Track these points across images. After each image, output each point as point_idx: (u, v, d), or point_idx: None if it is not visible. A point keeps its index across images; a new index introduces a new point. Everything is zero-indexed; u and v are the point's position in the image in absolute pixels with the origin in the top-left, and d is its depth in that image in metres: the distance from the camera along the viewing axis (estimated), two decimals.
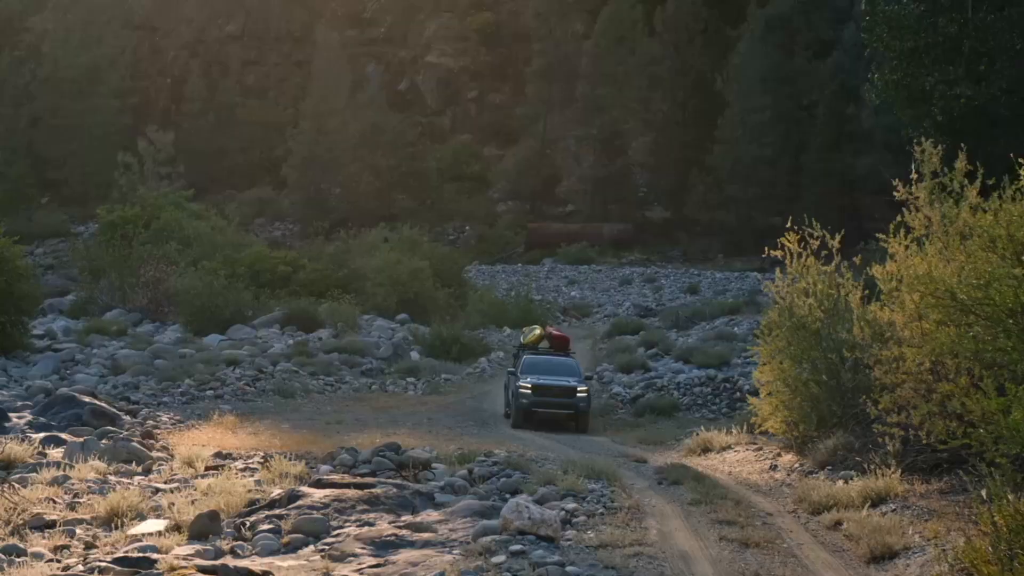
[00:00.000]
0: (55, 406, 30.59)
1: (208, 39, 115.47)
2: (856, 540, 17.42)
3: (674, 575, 15.57)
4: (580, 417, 35.77)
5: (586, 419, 35.90)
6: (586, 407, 36.00)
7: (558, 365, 37.12)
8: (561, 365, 37.23)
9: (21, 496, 20.02)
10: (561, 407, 35.60)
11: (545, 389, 35.39)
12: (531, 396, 35.31)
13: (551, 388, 35.53)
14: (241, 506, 19.79)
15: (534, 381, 35.57)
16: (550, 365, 36.98)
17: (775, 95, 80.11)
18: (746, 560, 16.50)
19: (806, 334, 24.80)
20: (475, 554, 16.17)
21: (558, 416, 35.59)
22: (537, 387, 35.39)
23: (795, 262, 25.68)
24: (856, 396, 22.63)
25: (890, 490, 19.36)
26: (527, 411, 35.44)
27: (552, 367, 36.80)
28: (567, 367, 37.23)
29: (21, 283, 41.43)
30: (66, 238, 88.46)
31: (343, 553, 16.81)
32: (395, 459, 23.37)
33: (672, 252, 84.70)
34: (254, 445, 26.83)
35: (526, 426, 34.96)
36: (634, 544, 16.95)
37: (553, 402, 35.46)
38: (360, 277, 56.05)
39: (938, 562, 15.06)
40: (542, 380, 35.65)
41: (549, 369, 36.57)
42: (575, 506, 19.40)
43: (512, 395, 36.29)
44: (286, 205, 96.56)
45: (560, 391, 35.66)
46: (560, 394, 35.61)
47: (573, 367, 37.52)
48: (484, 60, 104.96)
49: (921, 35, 39.75)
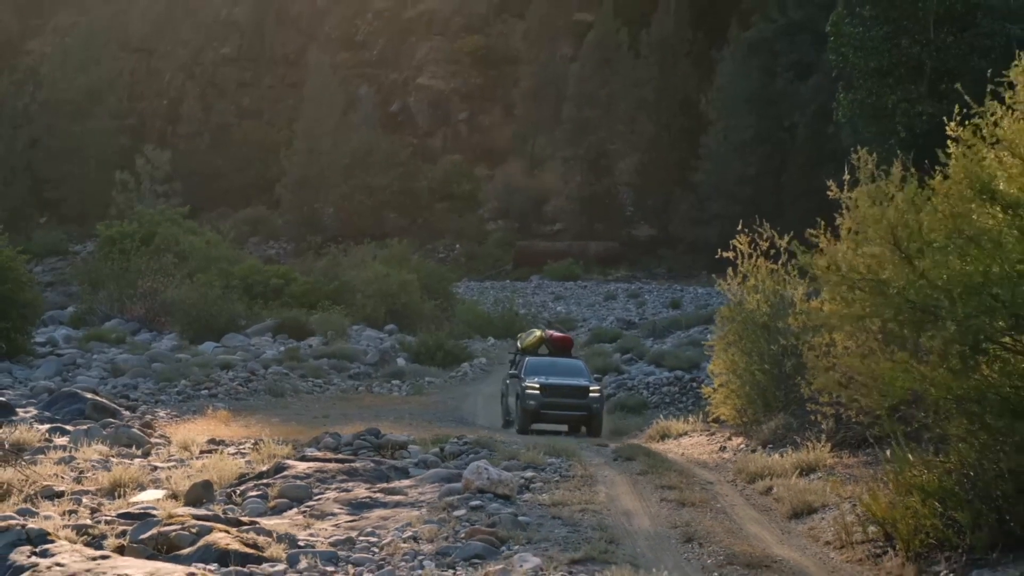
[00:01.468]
0: (59, 401, 32.42)
1: (204, 61, 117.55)
2: (782, 501, 19.48)
3: (615, 525, 17.51)
4: (593, 419, 33.25)
5: (599, 422, 33.46)
6: (600, 408, 33.64)
7: (565, 366, 35.05)
8: (568, 366, 35.18)
9: (32, 470, 21.91)
10: (573, 408, 33.19)
11: (555, 389, 32.93)
12: (540, 397, 32.75)
13: (562, 388, 33.12)
14: (232, 478, 21.70)
15: (543, 381, 33.06)
16: (556, 366, 34.81)
17: (758, 116, 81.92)
18: (681, 515, 18.48)
19: (754, 328, 26.88)
20: (439, 509, 18.15)
21: (569, 419, 33.45)
22: (546, 387, 32.87)
23: (745, 262, 27.75)
24: (795, 381, 24.62)
25: (820, 461, 21.43)
26: (535, 413, 32.92)
27: (559, 368, 34.60)
28: (574, 368, 35.16)
29: (25, 291, 43.34)
30: (65, 256, 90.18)
31: (323, 512, 18.74)
32: (374, 442, 25.27)
33: (657, 269, 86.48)
34: (245, 435, 28.70)
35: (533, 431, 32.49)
36: (583, 503, 18.93)
37: (564, 403, 33.01)
38: (350, 289, 57.90)
39: (848, 514, 17.10)
40: (552, 380, 33.24)
41: (556, 370, 34.32)
42: (533, 474, 21.41)
43: (517, 397, 33.74)
44: (280, 224, 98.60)
45: (571, 391, 33.18)
46: (571, 394, 33.12)
47: (581, 368, 35.45)
48: (474, 82, 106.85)
49: (885, 56, 41.08)
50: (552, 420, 33.14)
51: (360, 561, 15.35)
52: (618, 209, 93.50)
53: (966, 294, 13.82)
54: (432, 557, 15.25)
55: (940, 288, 13.95)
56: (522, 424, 33.05)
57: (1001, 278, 13.67)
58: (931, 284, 14.06)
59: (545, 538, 16.38)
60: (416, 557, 15.37)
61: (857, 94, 42.49)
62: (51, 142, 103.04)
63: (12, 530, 15.46)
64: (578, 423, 33.52)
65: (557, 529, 17.04)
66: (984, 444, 14.64)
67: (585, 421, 33.41)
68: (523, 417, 33.09)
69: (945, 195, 14.57)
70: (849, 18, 43.24)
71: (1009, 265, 13.72)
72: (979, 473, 14.64)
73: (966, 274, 13.87)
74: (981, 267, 13.80)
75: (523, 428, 32.79)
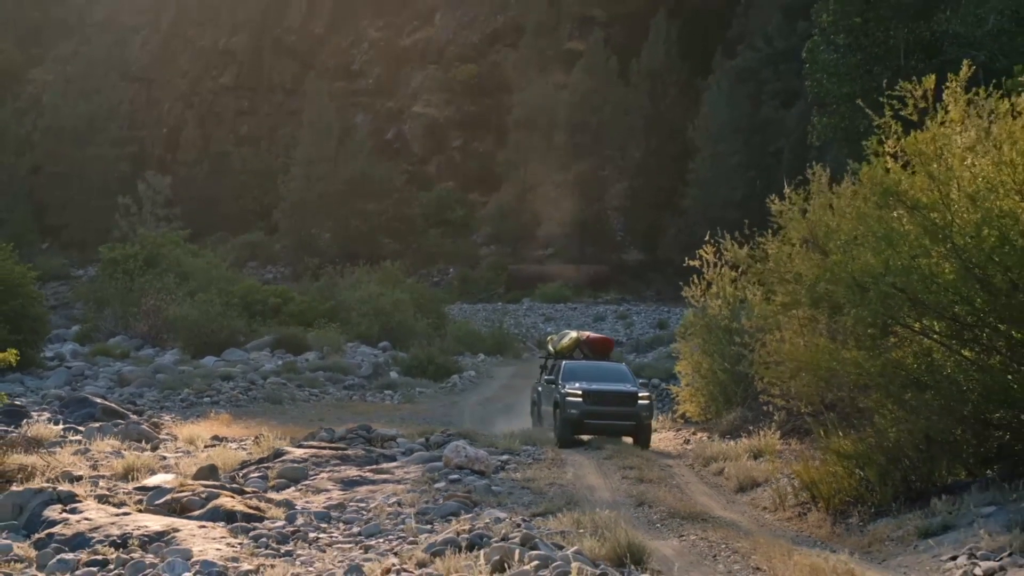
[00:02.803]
0: (71, 406, 34.48)
1: (202, 90, 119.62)
2: (731, 478, 21.74)
3: (578, 495, 19.67)
4: (642, 430, 29.40)
5: (648, 432, 29.71)
6: (649, 417, 29.83)
7: (607, 370, 31.75)
8: (610, 370, 31.90)
9: (53, 457, 24.00)
10: (620, 417, 29.33)
11: (600, 396, 29.35)
12: (583, 405, 29.05)
13: (607, 395, 29.51)
14: (235, 464, 23.84)
15: (586, 387, 29.54)
16: (598, 370, 31.46)
17: (744, 142, 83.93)
18: (638, 488, 20.66)
19: (717, 331, 29.10)
20: (420, 483, 20.30)
21: (616, 429, 29.34)
22: (590, 394, 29.28)
23: (710, 270, 30.00)
24: (751, 378, 26.79)
25: (769, 447, 23.66)
26: (578, 423, 28.99)
27: (601, 372, 31.32)
28: (617, 372, 31.89)
29: (35, 307, 45.43)
30: (66, 281, 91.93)
31: (318, 489, 20.86)
32: (366, 435, 27.39)
33: (647, 292, 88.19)
34: (246, 434, 30.73)
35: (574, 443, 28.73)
36: (551, 480, 21.13)
37: (610, 412, 29.21)
38: (346, 308, 59.80)
39: (786, 486, 19.32)
40: (595, 386, 29.75)
41: (599, 374, 30.97)
42: (508, 458, 23.59)
43: (555, 406, 30.08)
44: (277, 249, 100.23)
45: (617, 398, 29.56)
46: (618, 402, 29.47)
47: (624, 372, 32.14)
48: (468, 110, 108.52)
49: (857, 82, 42.76)
50: (596, 431, 29.07)
51: (350, 519, 17.52)
52: (608, 233, 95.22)
53: (871, 283, 16.02)
54: (413, 516, 17.37)
55: (843, 279, 16.15)
56: (562, 435, 28.90)
57: (899, 269, 15.87)
58: (835, 276, 16.27)
59: (514, 503, 18.54)
60: (399, 516, 17.51)
61: (832, 119, 44.44)
62: (53, 169, 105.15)
63: (45, 492, 17.67)
64: (624, 434, 29.54)
65: (526, 497, 19.23)
66: (892, 414, 16.84)
67: (632, 432, 29.43)
68: (564, 427, 29.11)
69: (851, 198, 16.79)
70: (824, 46, 45.17)
71: (906, 258, 15.92)
72: (888, 438, 16.86)
73: (870, 266, 16.07)
74: (883, 260, 16.00)
75: (564, 440, 28.66)
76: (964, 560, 13.56)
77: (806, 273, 17.26)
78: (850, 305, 16.14)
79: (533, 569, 12.40)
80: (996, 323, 16.34)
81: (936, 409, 16.37)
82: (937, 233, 16.22)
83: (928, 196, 16.51)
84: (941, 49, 42.89)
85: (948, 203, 16.35)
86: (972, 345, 16.56)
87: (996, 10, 43.55)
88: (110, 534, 16.03)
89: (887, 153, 17.20)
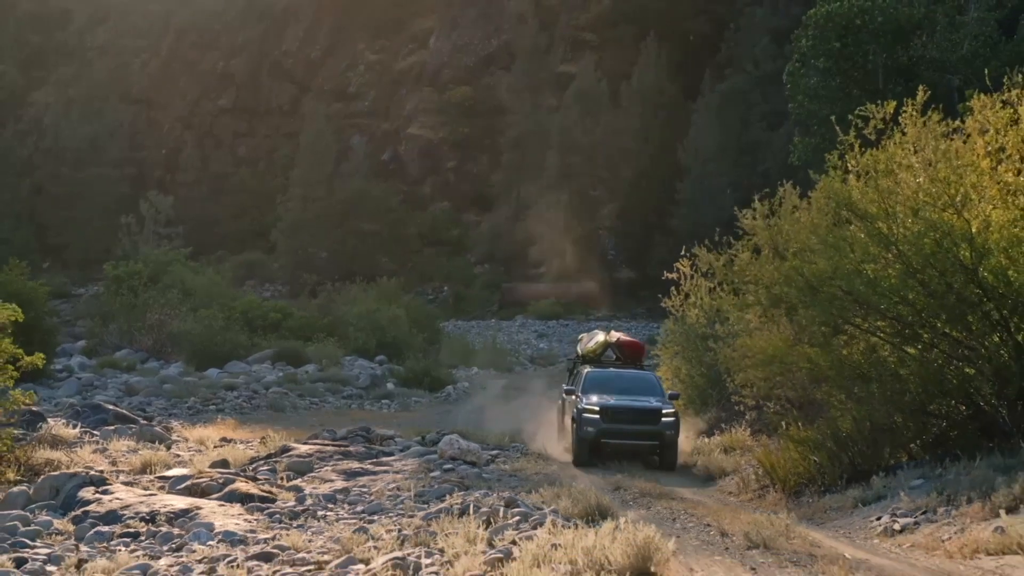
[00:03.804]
0: (84, 412, 36.20)
1: (201, 112, 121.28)
2: (703, 469, 23.62)
3: (561, 482, 21.55)
4: (667, 449, 26.85)
5: (674, 452, 26.99)
6: (674, 435, 27.04)
7: (633, 381, 29.31)
8: (637, 380, 29.44)
9: (76, 453, 25.83)
10: (641, 436, 27.05)
11: (619, 413, 27.24)
12: (600, 423, 26.96)
13: (627, 412, 27.30)
14: (245, 460, 25.71)
15: (603, 403, 27.39)
16: (622, 381, 29.18)
17: (732, 163, 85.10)
18: (617, 479, 22.54)
19: (695, 338, 31.01)
20: (418, 472, 22.20)
21: (637, 449, 27.07)
22: (607, 410, 27.18)
23: (687, 281, 31.93)
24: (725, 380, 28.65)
25: (740, 442, 25.58)
26: (594, 443, 26.95)
27: (625, 383, 28.97)
28: (645, 383, 29.36)
29: (45, 319, 47.27)
30: (68, 299, 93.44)
31: (323, 479, 22.73)
32: (366, 435, 29.27)
33: (637, 309, 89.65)
34: (252, 436, 32.58)
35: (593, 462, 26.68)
36: (538, 470, 23.04)
37: (630, 430, 26.95)
38: (343, 323, 61.49)
39: (750, 474, 21.28)
40: (614, 401, 27.62)
41: (622, 386, 28.74)
42: (499, 452, 25.50)
43: (572, 422, 27.87)
44: (275, 268, 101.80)
45: (639, 415, 27.24)
46: (639, 419, 27.14)
47: (653, 383, 29.51)
48: (462, 132, 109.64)
49: (837, 104, 43.82)
50: (615, 451, 26.93)
51: (354, 501, 19.41)
52: (600, 252, 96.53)
53: (821, 286, 17.97)
54: (411, 498, 19.24)
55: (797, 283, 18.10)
56: (578, 455, 27.02)
57: (846, 273, 17.82)
58: (789, 280, 18.23)
59: (503, 487, 20.45)
60: (399, 498, 19.40)
61: (813, 139, 46.08)
62: (54, 190, 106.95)
63: (79, 475, 19.56)
64: (647, 453, 27.29)
65: (514, 483, 21.11)
66: (841, 404, 18.79)
67: (656, 451, 27.13)
68: (579, 447, 27.12)
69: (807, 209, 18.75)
70: (805, 70, 46.84)
71: (854, 263, 17.86)
72: (836, 425, 18.81)
73: (821, 270, 18.02)
74: (832, 265, 17.95)
75: (580, 460, 26.86)
76: (887, 519, 15.72)
77: (765, 277, 19.19)
78: (802, 306, 18.04)
79: (515, 522, 14.36)
80: (935, 322, 18.26)
81: (880, 399, 18.31)
82: (883, 240, 18.15)
83: (876, 207, 18.44)
84: (918, 72, 44.31)
85: (893, 214, 18.30)
86: (914, 342, 18.48)
87: (970, 36, 45.41)
88: (139, 511, 17.92)
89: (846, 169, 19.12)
